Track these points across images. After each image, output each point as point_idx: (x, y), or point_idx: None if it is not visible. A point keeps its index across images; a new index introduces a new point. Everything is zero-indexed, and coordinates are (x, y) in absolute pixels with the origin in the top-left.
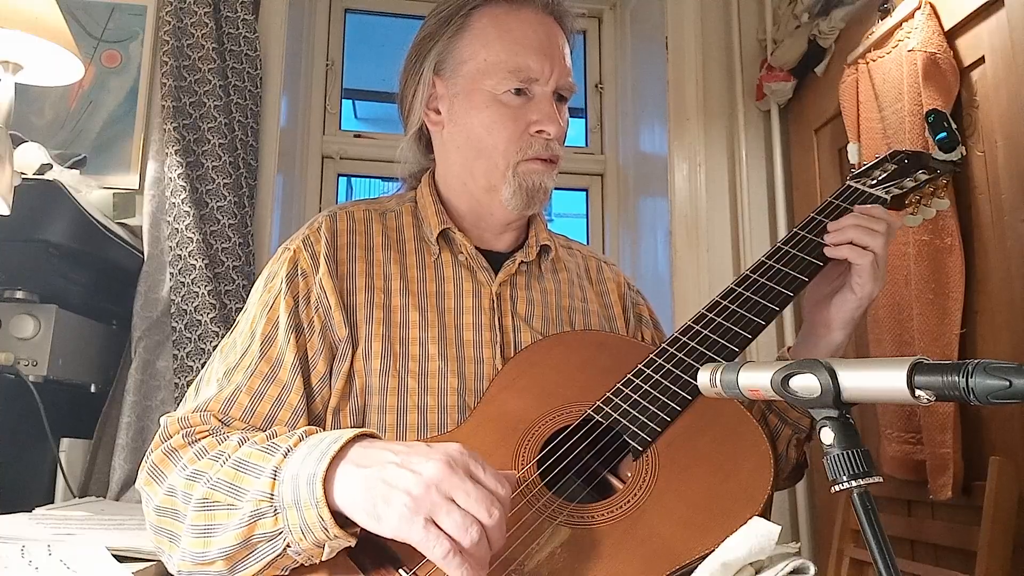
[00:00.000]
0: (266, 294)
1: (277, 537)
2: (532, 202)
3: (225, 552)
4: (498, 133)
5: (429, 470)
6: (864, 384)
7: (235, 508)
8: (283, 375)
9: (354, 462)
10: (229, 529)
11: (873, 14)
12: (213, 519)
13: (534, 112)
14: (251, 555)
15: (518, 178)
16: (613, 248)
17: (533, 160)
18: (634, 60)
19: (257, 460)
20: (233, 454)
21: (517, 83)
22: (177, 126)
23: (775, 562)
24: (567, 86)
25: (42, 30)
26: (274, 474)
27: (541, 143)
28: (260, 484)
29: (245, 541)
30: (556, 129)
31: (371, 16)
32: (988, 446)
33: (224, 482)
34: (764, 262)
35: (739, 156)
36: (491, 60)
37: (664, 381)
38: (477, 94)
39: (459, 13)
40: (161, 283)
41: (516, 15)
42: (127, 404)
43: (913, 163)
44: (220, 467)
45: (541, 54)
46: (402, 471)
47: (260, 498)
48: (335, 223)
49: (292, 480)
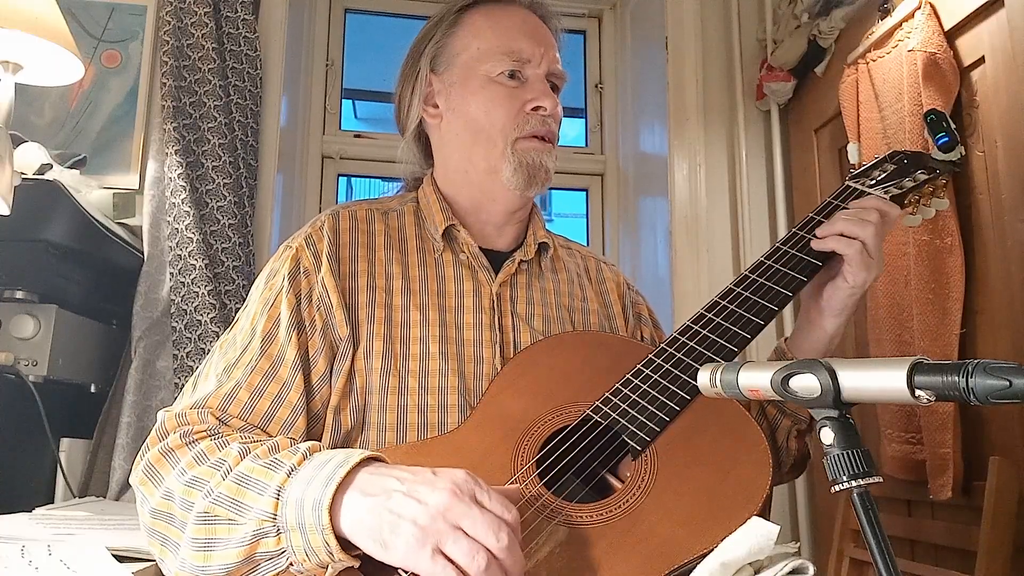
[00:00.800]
0: (267, 291)
1: (280, 556)
2: (533, 181)
3: (227, 567)
4: (495, 112)
5: (435, 499)
6: (864, 384)
7: (236, 524)
8: (283, 373)
9: (360, 490)
10: (231, 546)
11: (873, 14)
12: (214, 533)
13: (529, 92)
14: (254, 571)
15: (517, 155)
16: (613, 248)
17: (530, 137)
18: (634, 60)
19: (260, 476)
20: (235, 467)
21: (511, 64)
22: (177, 126)
23: (774, 562)
24: (558, 73)
25: (42, 30)
26: (277, 494)
27: (538, 119)
28: (263, 503)
29: (248, 559)
30: (552, 103)
31: (371, 16)
32: (988, 446)
33: (226, 497)
34: (763, 262)
35: (739, 156)
36: (484, 47)
37: (663, 381)
38: (473, 79)
39: (451, 12)
40: (161, 283)
41: (505, 10)
42: (127, 404)
43: (912, 163)
44: (221, 480)
45: (532, 39)
46: (409, 500)
47: (263, 518)
48: (337, 222)
49: (296, 503)
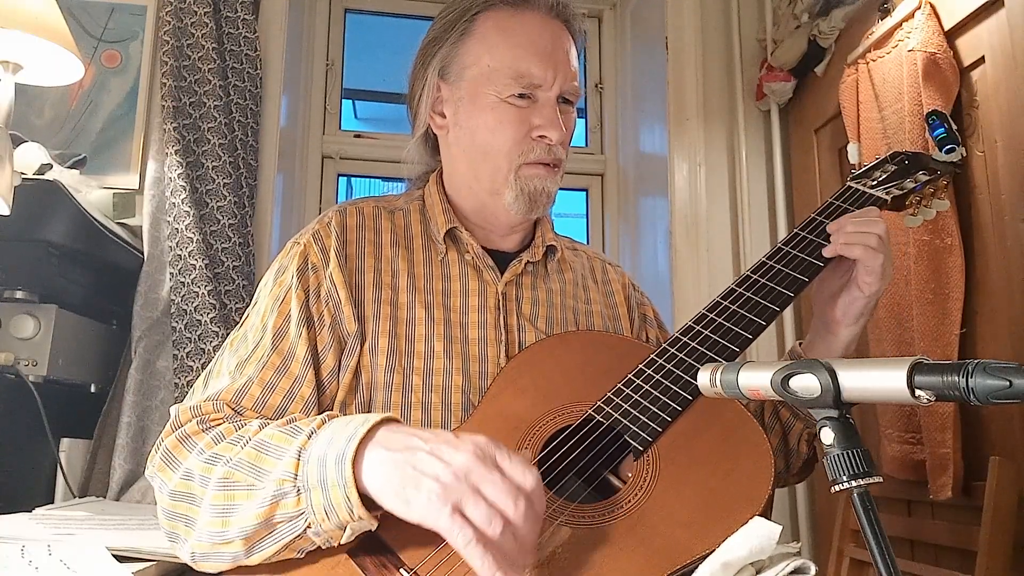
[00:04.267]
0: (277, 288)
1: (298, 517)
2: (534, 206)
3: (244, 532)
4: (501, 136)
5: (459, 460)
6: (864, 384)
7: (256, 488)
8: (295, 368)
9: (383, 445)
10: (250, 509)
11: (873, 14)
12: (233, 499)
13: (537, 117)
14: (270, 535)
15: (520, 182)
16: (613, 248)
17: (535, 164)
18: (634, 60)
19: (280, 442)
20: (254, 436)
21: (520, 89)
22: (177, 126)
23: (776, 562)
24: (572, 91)
25: (42, 30)
26: (298, 454)
27: (543, 148)
28: (284, 464)
29: (266, 521)
30: (558, 135)
31: (371, 16)
32: (988, 446)
33: (245, 462)
34: (764, 263)
35: (739, 156)
36: (494, 66)
37: (665, 381)
38: (481, 98)
39: (463, 18)
40: (161, 283)
41: (520, 19)
42: (127, 404)
43: (913, 164)
44: (240, 449)
45: (545, 60)
46: (432, 459)
47: (284, 478)
48: (345, 218)
49: (318, 460)
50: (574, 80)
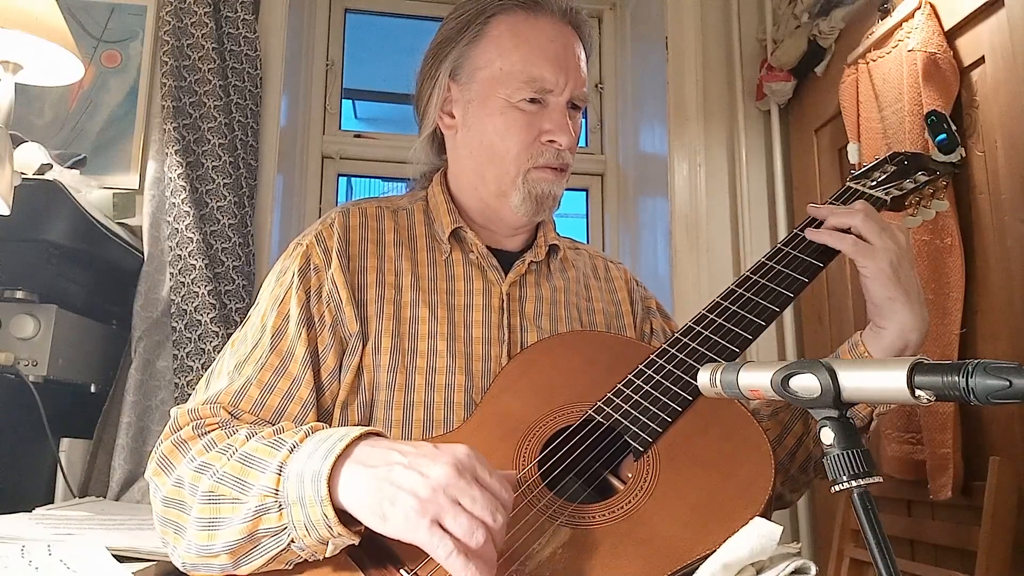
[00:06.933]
0: (278, 288)
1: (282, 532)
2: (541, 209)
3: (230, 546)
4: (510, 139)
5: (436, 473)
6: (864, 384)
7: (239, 502)
8: (293, 369)
9: (360, 461)
10: (234, 523)
11: (873, 14)
12: (218, 512)
13: (547, 121)
14: (255, 549)
15: (527, 185)
16: (613, 248)
17: (543, 168)
18: (634, 60)
19: (263, 455)
20: (240, 448)
21: (531, 93)
22: (177, 126)
23: (776, 562)
24: (581, 96)
25: (42, 30)
26: (279, 469)
27: (552, 152)
28: (265, 479)
29: (250, 535)
30: (567, 140)
31: (371, 16)
32: (988, 446)
33: (230, 476)
34: (764, 263)
35: (739, 156)
36: (506, 69)
37: (665, 381)
38: (492, 101)
39: (477, 20)
40: (161, 283)
41: (533, 23)
42: (127, 404)
43: (913, 164)
44: (227, 460)
45: (557, 65)
46: (409, 472)
47: (265, 493)
48: (347, 219)
49: (297, 477)
50: (584, 86)
